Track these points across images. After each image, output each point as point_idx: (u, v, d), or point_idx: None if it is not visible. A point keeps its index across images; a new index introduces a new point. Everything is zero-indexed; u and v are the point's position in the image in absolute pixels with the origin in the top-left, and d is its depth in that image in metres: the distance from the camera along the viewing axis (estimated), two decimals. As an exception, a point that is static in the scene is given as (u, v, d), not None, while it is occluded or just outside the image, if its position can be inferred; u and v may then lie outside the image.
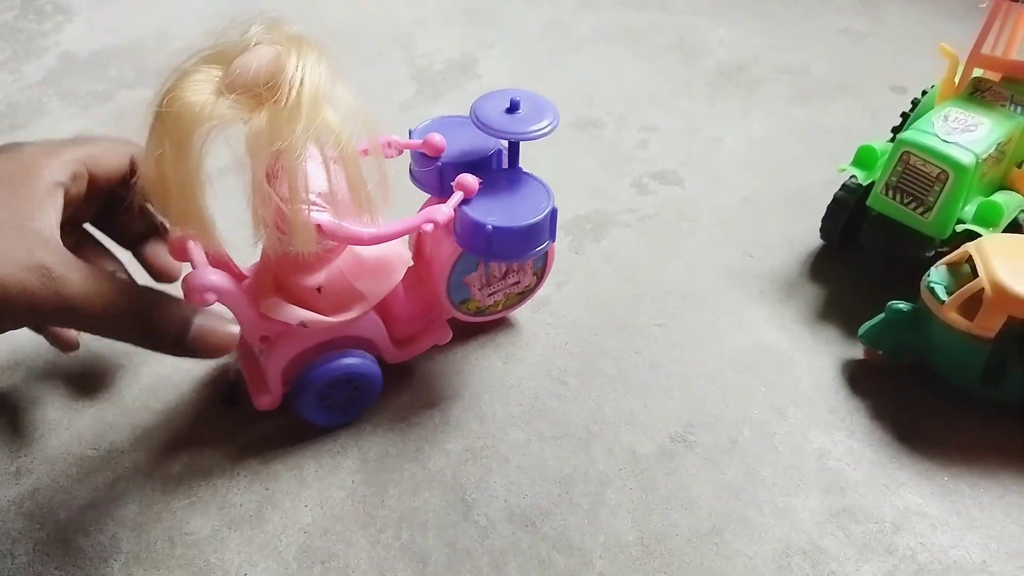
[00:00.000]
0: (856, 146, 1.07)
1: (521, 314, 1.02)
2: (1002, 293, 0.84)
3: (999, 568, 0.78)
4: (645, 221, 1.17)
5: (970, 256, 0.90)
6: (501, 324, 1.01)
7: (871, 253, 1.06)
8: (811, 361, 0.98)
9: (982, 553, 0.80)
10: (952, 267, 0.92)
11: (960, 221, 0.97)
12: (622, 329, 1.01)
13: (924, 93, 1.14)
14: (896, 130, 1.17)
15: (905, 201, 0.98)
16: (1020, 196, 1.01)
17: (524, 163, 0.93)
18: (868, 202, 1.02)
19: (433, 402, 0.92)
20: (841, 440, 0.89)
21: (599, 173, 1.26)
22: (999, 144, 0.97)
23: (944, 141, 0.96)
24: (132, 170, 0.78)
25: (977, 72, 1.07)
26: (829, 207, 1.08)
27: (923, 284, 0.92)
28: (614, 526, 0.81)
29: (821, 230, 1.11)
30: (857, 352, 0.98)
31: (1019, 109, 1.01)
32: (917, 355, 0.94)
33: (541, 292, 1.04)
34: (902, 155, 0.98)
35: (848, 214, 1.07)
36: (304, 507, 0.83)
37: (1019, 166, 1.03)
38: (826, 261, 1.11)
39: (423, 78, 1.46)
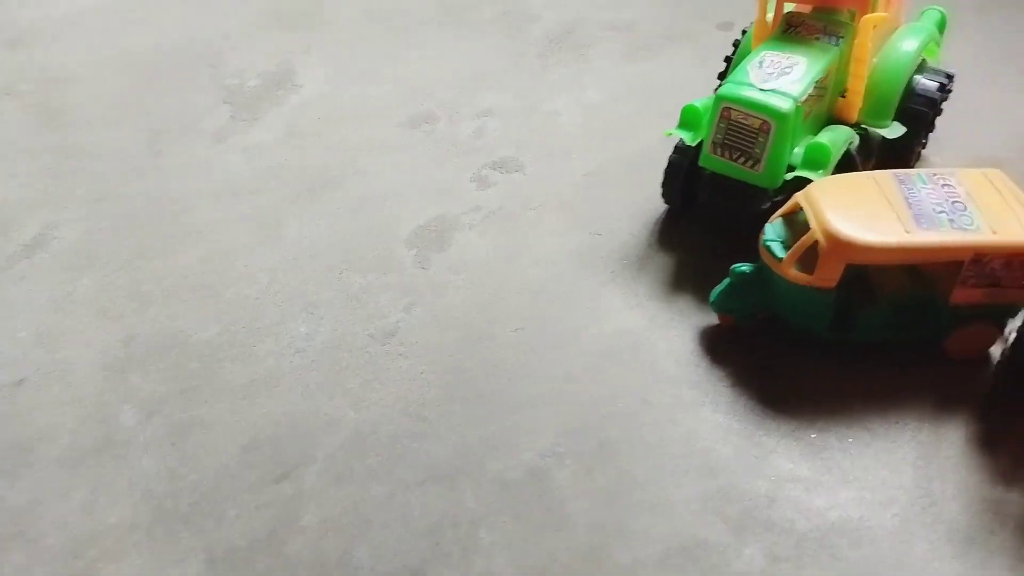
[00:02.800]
0: (691, 97, 1.04)
1: (369, 350, 0.97)
2: (836, 242, 0.83)
3: (876, 520, 0.79)
4: (489, 218, 1.13)
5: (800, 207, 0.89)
6: (347, 366, 0.95)
7: (711, 213, 1.05)
8: (669, 338, 0.96)
9: (858, 508, 0.80)
10: (788, 219, 0.91)
11: (792, 167, 0.96)
12: (479, 343, 0.97)
13: (744, 32, 1.11)
14: (722, 76, 1.15)
15: (734, 156, 0.96)
16: (848, 128, 1.01)
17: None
18: (699, 162, 1.00)
19: (283, 472, 0.86)
20: (707, 417, 0.88)
21: (437, 173, 1.20)
22: (817, 82, 0.95)
23: (761, 90, 0.94)
24: None
25: (790, 6, 1.05)
26: (665, 171, 1.06)
27: (760, 242, 0.90)
28: (491, 569, 0.77)
29: (663, 195, 1.09)
30: (714, 319, 0.97)
31: (833, 40, 0.99)
32: (769, 311, 0.93)
33: (388, 320, 0.99)
34: (722, 111, 0.95)
35: (685, 176, 1.04)
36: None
37: (843, 95, 1.02)
38: (674, 226, 1.09)
39: (237, 100, 1.36)
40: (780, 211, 0.91)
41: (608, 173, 1.18)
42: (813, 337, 0.91)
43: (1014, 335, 0.85)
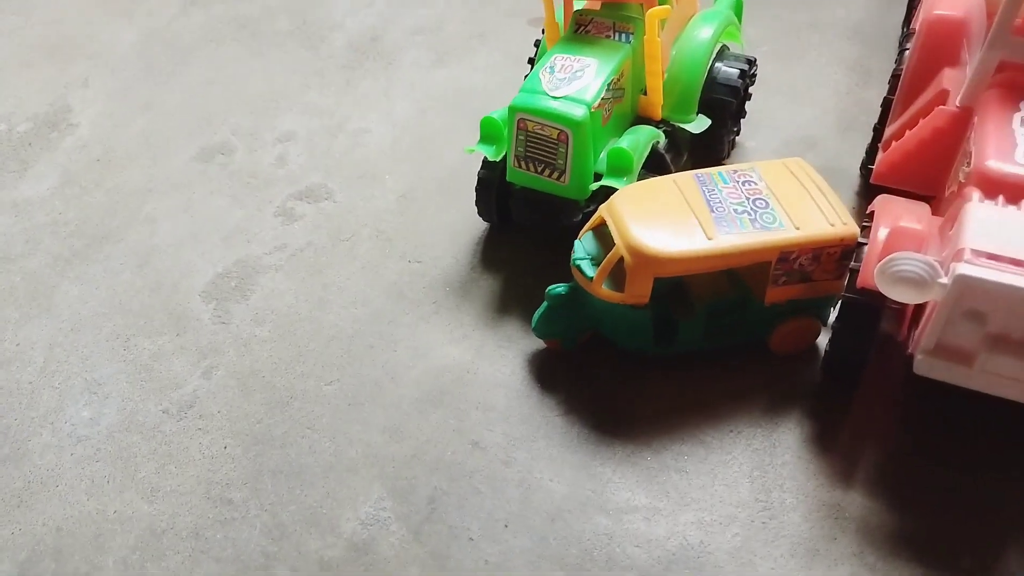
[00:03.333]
0: (506, 102, 0.96)
1: (162, 429, 0.86)
2: (641, 257, 0.79)
3: (717, 543, 0.75)
4: (297, 257, 1.03)
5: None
6: (138, 451, 0.84)
7: (527, 228, 0.99)
8: (496, 370, 0.89)
9: (699, 532, 0.76)
10: (598, 232, 0.86)
11: (599, 175, 0.92)
12: (289, 404, 0.88)
13: (537, 44, 1.06)
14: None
15: (538, 169, 0.91)
16: (651, 128, 0.97)
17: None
18: (507, 177, 0.94)
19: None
20: (540, 452, 0.82)
21: (236, 211, 1.09)
22: (611, 83, 0.91)
23: (553, 98, 0.88)
24: None
25: (580, 3, 1.00)
26: (476, 188, 0.99)
27: (571, 261, 0.85)
28: (311, 668, 0.70)
29: (478, 213, 1.02)
30: (541, 343, 0.91)
31: (624, 37, 0.95)
32: (593, 329, 0.88)
33: (184, 389, 0.89)
34: (518, 122, 0.89)
35: (497, 191, 0.98)
36: None
37: (644, 93, 0.99)
38: (495, 245, 1.03)
39: (4, 149, 1.19)
40: (587, 226, 0.86)
41: (424, 193, 1.10)
42: (640, 352, 0.87)
43: (834, 327, 0.83)
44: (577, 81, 0.89)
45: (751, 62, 1.05)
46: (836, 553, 0.74)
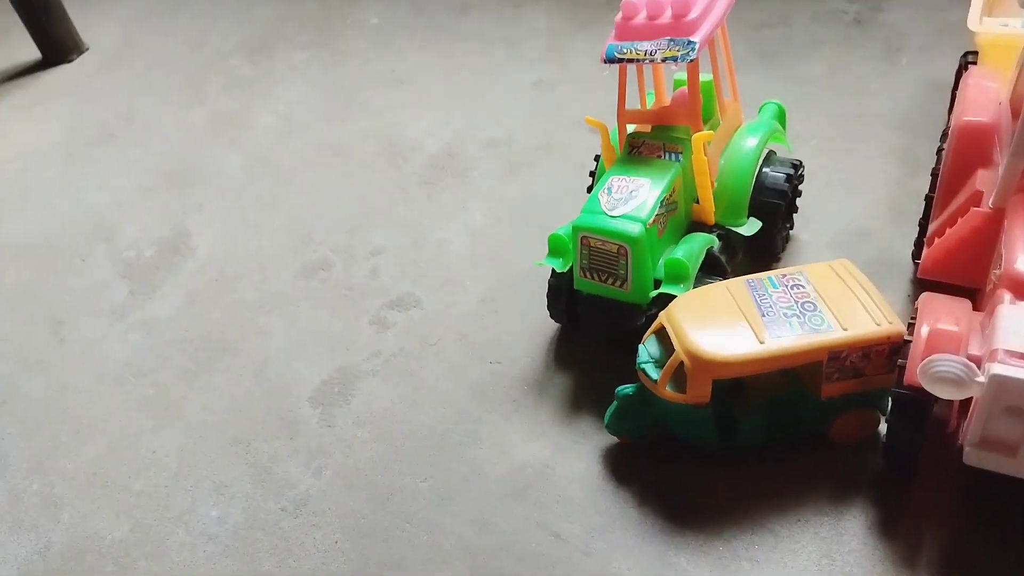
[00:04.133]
0: (574, 209, 1.06)
1: (281, 525, 0.97)
2: (698, 362, 0.86)
3: (786, 626, 0.81)
4: (391, 362, 1.14)
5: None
6: (261, 547, 0.95)
7: (594, 331, 1.08)
8: (573, 464, 0.97)
9: (774, 619, 0.82)
10: (660, 335, 0.94)
11: (659, 281, 1.00)
12: (389, 500, 0.98)
13: (597, 159, 1.17)
14: (590, 189, 1.20)
15: (602, 279, 1.01)
16: (705, 234, 1.06)
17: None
18: (575, 286, 1.04)
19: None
20: (618, 542, 0.89)
21: (336, 322, 1.22)
22: (663, 200, 1.01)
23: (612, 217, 0.98)
24: None
25: (632, 127, 1.11)
26: (547, 294, 1.09)
27: (637, 365, 0.94)
28: None
29: (551, 315, 1.12)
30: (614, 438, 0.99)
31: (672, 156, 1.04)
32: (659, 426, 0.96)
33: (299, 488, 1.00)
34: (582, 239, 1.00)
35: (566, 297, 1.08)
36: None
37: (697, 202, 1.08)
38: (568, 346, 1.12)
39: (134, 273, 1.37)
40: (649, 331, 0.95)
41: (502, 297, 1.21)
42: (705, 447, 0.94)
43: (887, 420, 0.88)
44: (633, 200, 0.99)
45: (796, 165, 1.14)
46: (903, 637, 0.79)
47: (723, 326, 0.88)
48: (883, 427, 0.93)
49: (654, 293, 0.99)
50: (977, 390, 0.72)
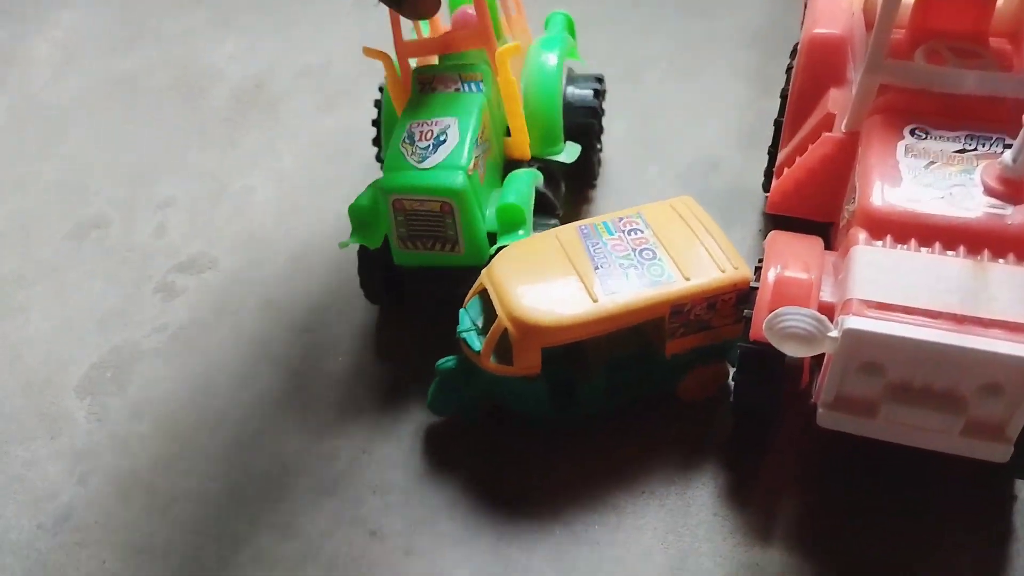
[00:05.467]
0: None
1: (37, 546, 0.79)
2: (525, 329, 0.73)
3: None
4: (178, 337, 0.96)
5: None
6: (2, 568, 0.78)
7: (425, 304, 0.94)
8: (392, 450, 0.83)
9: (611, 609, 0.72)
10: (484, 297, 0.80)
11: (492, 233, 0.86)
12: (170, 508, 0.81)
13: (381, 90, 1.00)
14: (376, 141, 1.03)
15: (427, 245, 0.85)
16: (528, 170, 0.91)
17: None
18: (395, 261, 0.88)
19: None
20: (444, 538, 0.76)
21: (112, 292, 1.02)
22: (477, 139, 0.85)
23: (424, 171, 0.82)
24: None
25: (415, 61, 0.95)
26: (359, 271, 0.92)
27: (457, 334, 0.80)
28: None
29: (366, 296, 0.95)
30: (438, 418, 0.85)
31: (472, 86, 0.89)
32: (489, 399, 0.83)
33: (60, 500, 0.82)
34: (394, 203, 0.83)
35: (383, 271, 0.91)
36: None
37: (508, 135, 0.93)
38: (395, 310, 0.97)
39: None
40: (470, 293, 0.81)
41: (314, 253, 1.04)
42: (542, 420, 0.82)
43: (734, 377, 0.78)
44: (443, 146, 0.83)
45: (600, 79, 1.02)
46: (757, 619, 0.70)
47: (551, 283, 0.75)
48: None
49: (492, 249, 0.84)
50: (830, 346, 0.62)
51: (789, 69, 0.93)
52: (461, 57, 0.91)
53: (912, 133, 0.72)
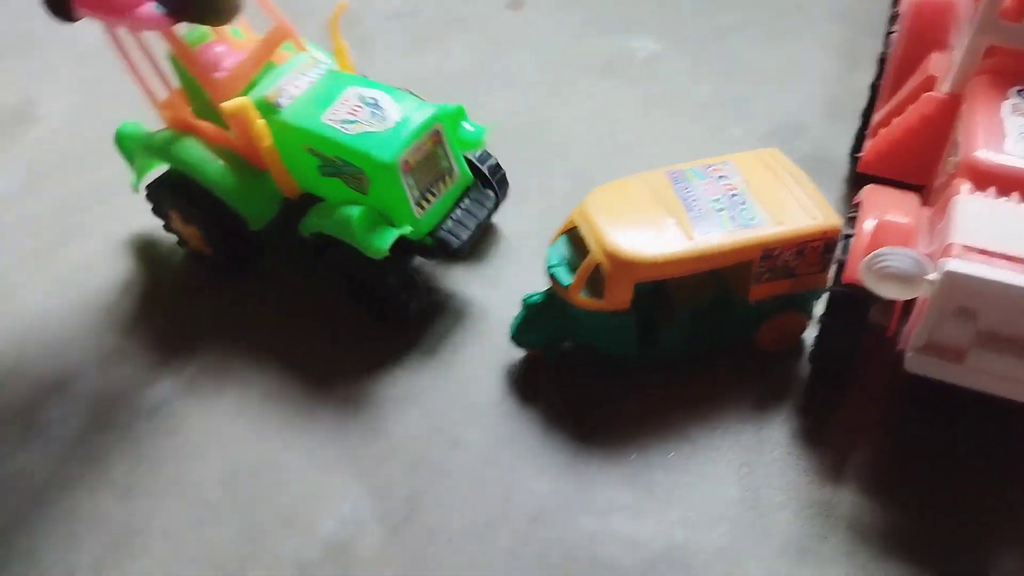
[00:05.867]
0: (484, 84, 0.91)
1: (133, 426, 0.84)
2: (619, 263, 0.75)
3: (704, 542, 0.73)
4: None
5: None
6: (110, 450, 0.82)
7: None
8: (477, 369, 0.87)
9: (684, 531, 0.74)
10: (571, 235, 0.82)
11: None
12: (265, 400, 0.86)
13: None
14: None
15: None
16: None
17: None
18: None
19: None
20: (523, 452, 0.80)
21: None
22: None
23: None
24: None
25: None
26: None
27: (545, 268, 0.82)
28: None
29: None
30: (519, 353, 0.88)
31: None
32: (571, 337, 0.86)
33: (157, 392, 0.86)
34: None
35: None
36: None
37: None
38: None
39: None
40: (559, 230, 0.83)
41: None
42: (623, 359, 0.85)
43: (820, 321, 0.81)
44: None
45: None
46: (827, 552, 0.73)
47: (645, 223, 0.77)
48: (809, 333, 0.86)
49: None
50: (927, 289, 0.64)
51: (889, 34, 0.94)
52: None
53: (1019, 93, 0.73)
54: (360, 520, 0.76)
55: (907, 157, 0.83)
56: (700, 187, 0.80)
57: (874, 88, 0.94)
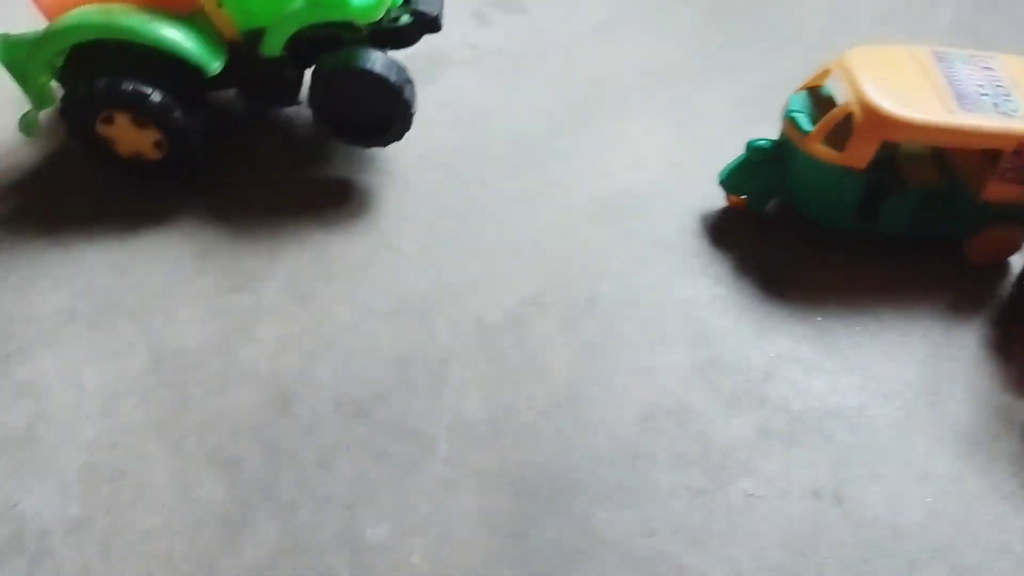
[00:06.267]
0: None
1: (342, 173, 0.86)
2: (874, 116, 0.74)
3: (877, 410, 0.73)
4: (487, 57, 1.02)
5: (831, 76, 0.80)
6: (320, 185, 0.85)
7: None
8: (672, 206, 0.87)
9: (859, 396, 0.74)
10: (814, 91, 0.82)
11: None
12: (464, 185, 0.87)
13: None
14: None
15: None
16: None
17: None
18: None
19: (241, 283, 0.77)
20: (706, 287, 0.81)
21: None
22: None
23: None
24: None
25: None
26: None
27: (783, 113, 0.82)
28: (460, 405, 0.70)
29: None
30: (720, 199, 0.88)
31: None
32: (784, 197, 0.85)
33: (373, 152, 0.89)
34: None
35: None
36: (85, 419, 0.68)
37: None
38: (697, 83, 1.00)
39: None
40: (806, 81, 0.82)
41: (619, 30, 1.07)
42: (830, 231, 0.83)
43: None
44: None
45: None
46: (997, 450, 0.71)
47: (905, 87, 0.76)
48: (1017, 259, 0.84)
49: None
50: None
51: None
52: None
53: None
54: (542, 304, 0.78)
55: None
56: (964, 70, 0.78)
57: None
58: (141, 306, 0.75)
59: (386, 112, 0.81)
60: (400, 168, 0.88)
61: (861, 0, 1.14)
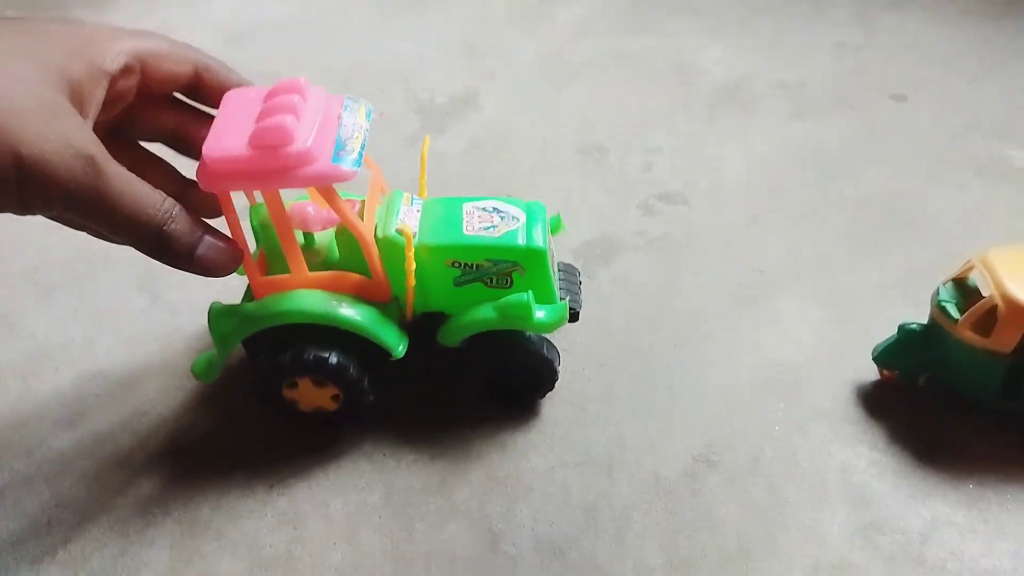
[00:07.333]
0: (858, 159, 1.05)
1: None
2: (1017, 309, 0.84)
3: (1031, 576, 0.78)
4: (654, 243, 1.18)
5: (974, 270, 0.91)
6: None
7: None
8: (827, 379, 0.98)
9: (1013, 560, 0.80)
10: (959, 282, 0.93)
11: None
12: (638, 352, 1.02)
13: None
14: None
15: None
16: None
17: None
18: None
19: (453, 434, 0.93)
20: (864, 453, 0.90)
21: (605, 197, 1.27)
22: None
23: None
24: (195, 80, 0.80)
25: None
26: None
27: (932, 302, 0.92)
28: (641, 551, 0.81)
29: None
30: (873, 372, 0.98)
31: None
32: (933, 372, 0.94)
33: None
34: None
35: None
36: (333, 545, 0.83)
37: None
38: (844, 270, 1.12)
39: (426, 112, 1.47)
40: (953, 274, 0.93)
41: (772, 220, 1.22)
42: (976, 403, 0.91)
43: None
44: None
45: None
46: None
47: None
48: None
49: None
50: None
51: None
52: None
53: None
54: (712, 462, 0.89)
55: None
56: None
57: None
58: (375, 447, 0.92)
59: (536, 378, 0.93)
60: (582, 339, 1.03)
61: (995, 198, 1.24)
